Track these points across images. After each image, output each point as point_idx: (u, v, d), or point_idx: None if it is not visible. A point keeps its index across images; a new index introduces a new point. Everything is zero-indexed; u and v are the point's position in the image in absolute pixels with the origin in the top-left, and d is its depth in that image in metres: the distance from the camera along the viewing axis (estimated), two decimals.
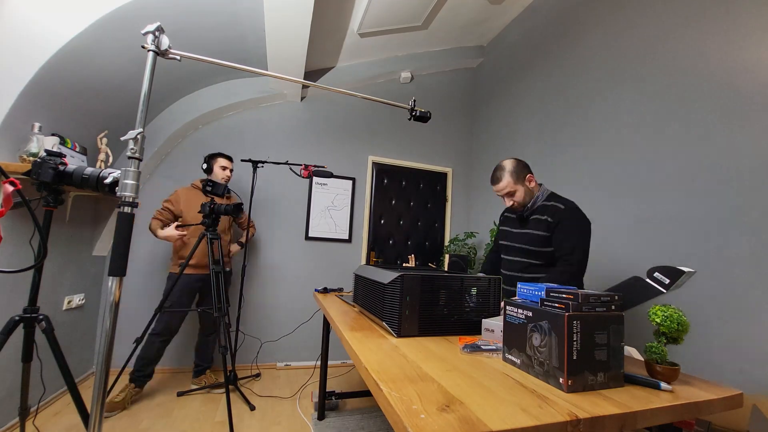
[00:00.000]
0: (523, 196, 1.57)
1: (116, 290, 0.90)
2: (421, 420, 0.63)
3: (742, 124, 1.51)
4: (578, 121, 2.37)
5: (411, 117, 1.53)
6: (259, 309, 2.98)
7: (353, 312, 1.61)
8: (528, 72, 2.96)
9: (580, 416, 0.68)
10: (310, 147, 3.22)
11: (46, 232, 1.10)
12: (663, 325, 0.92)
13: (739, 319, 1.46)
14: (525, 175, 1.57)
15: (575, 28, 2.49)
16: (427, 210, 3.58)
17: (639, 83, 1.98)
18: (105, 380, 0.89)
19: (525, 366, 0.92)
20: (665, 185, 1.79)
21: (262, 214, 3.02)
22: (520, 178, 1.57)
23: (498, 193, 1.62)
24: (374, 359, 0.94)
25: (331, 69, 3.29)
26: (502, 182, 1.57)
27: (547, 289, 0.94)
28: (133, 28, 1.66)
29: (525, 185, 1.57)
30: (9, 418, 1.80)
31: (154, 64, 0.96)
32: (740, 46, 1.55)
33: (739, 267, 1.48)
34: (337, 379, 2.75)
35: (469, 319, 1.28)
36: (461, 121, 3.78)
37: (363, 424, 2.03)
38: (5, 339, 1.11)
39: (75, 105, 2.01)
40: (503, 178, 1.57)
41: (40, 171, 1.07)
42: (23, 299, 1.16)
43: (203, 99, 2.88)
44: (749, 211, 1.46)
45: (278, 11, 2.12)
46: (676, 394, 0.84)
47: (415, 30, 3.11)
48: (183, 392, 2.33)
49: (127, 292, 2.61)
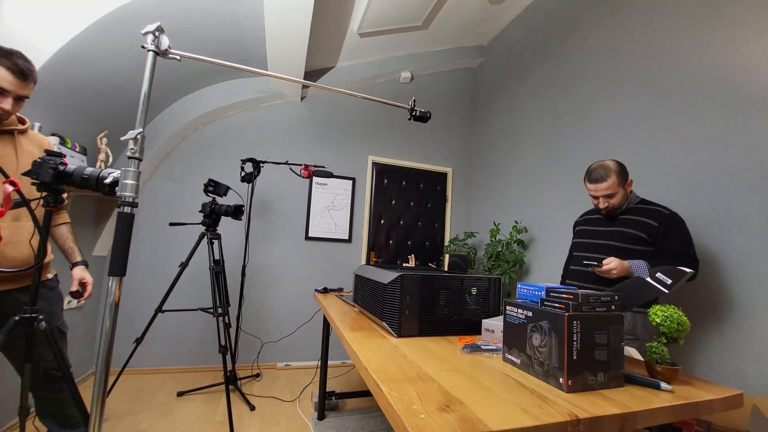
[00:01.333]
0: (620, 199, 1.52)
1: (116, 290, 0.90)
2: (421, 420, 0.63)
3: (743, 123, 1.51)
4: (578, 121, 2.37)
5: (411, 117, 1.53)
6: (259, 309, 2.98)
7: (353, 312, 1.61)
8: (528, 72, 2.96)
9: (580, 416, 0.68)
10: (310, 147, 3.23)
11: (46, 232, 1.10)
12: (663, 325, 0.92)
13: (739, 319, 1.46)
14: (627, 179, 1.53)
15: (575, 27, 2.49)
16: (427, 210, 3.58)
17: (639, 82, 1.98)
18: (105, 380, 0.89)
19: (525, 366, 0.92)
20: (665, 185, 1.79)
21: (262, 214, 3.02)
22: (623, 181, 1.51)
23: (594, 193, 1.55)
24: (374, 359, 0.94)
25: (331, 69, 3.29)
26: (606, 182, 1.50)
27: (547, 289, 0.94)
28: (133, 28, 1.66)
29: (625, 189, 1.53)
30: (9, 418, 1.80)
31: (154, 64, 0.95)
32: (742, 45, 1.55)
33: (739, 267, 1.48)
34: (337, 379, 2.75)
35: (469, 319, 1.28)
36: (461, 121, 3.78)
37: (363, 424, 2.03)
38: (5, 339, 1.11)
39: (75, 105, 2.01)
40: (608, 179, 1.50)
41: (40, 171, 1.07)
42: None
43: (203, 99, 2.88)
44: (749, 211, 1.46)
45: (278, 11, 2.12)
46: (676, 394, 0.84)
47: (415, 30, 3.11)
48: (183, 392, 2.33)
49: (127, 292, 2.61)
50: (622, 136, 2.05)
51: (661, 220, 1.46)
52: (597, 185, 1.52)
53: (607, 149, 2.14)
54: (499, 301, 1.33)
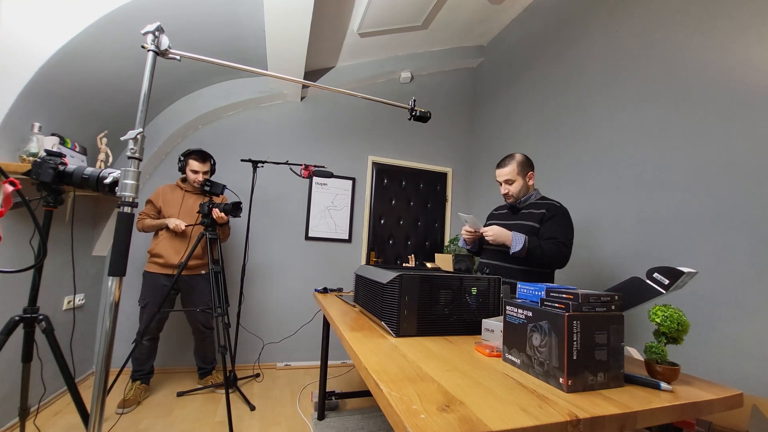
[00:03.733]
0: (519, 188, 1.72)
1: (116, 290, 0.90)
2: (421, 420, 0.63)
3: (743, 123, 1.51)
4: (578, 121, 2.37)
5: (411, 117, 1.53)
6: (259, 309, 2.98)
7: (353, 312, 1.61)
8: (528, 72, 2.95)
9: (580, 416, 0.68)
10: (310, 147, 3.23)
11: (46, 232, 1.10)
12: (663, 325, 0.92)
13: (739, 319, 1.46)
14: (528, 172, 1.72)
15: (575, 27, 2.49)
16: (427, 210, 3.58)
17: (639, 82, 1.98)
18: (105, 380, 0.89)
19: (525, 366, 0.92)
20: (666, 185, 1.79)
21: (262, 214, 3.02)
22: (523, 171, 1.71)
23: (498, 178, 1.76)
24: (374, 359, 0.94)
25: (331, 69, 3.29)
26: (507, 168, 1.72)
27: (547, 289, 0.94)
28: (133, 28, 1.66)
29: (524, 180, 1.72)
30: (9, 418, 1.80)
31: (154, 64, 0.96)
32: (741, 45, 1.55)
33: (739, 267, 1.48)
34: (337, 379, 2.75)
35: (469, 319, 1.28)
36: (461, 121, 3.78)
37: (363, 424, 2.03)
38: (5, 339, 1.11)
39: (75, 105, 2.01)
40: (509, 165, 1.72)
41: (40, 171, 1.07)
42: (23, 299, 1.16)
43: (203, 99, 2.88)
44: (749, 211, 1.46)
45: (278, 11, 2.12)
46: (676, 394, 0.84)
47: (415, 30, 3.11)
48: (183, 392, 2.33)
49: (127, 292, 2.61)
50: (622, 136, 2.05)
51: (550, 210, 1.65)
52: (500, 170, 1.75)
53: (607, 149, 2.14)
54: (499, 301, 1.33)
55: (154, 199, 2.28)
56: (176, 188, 2.34)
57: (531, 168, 1.73)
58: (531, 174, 1.73)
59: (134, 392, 2.14)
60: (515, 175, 1.71)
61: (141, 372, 2.22)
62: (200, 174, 2.28)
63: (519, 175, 1.71)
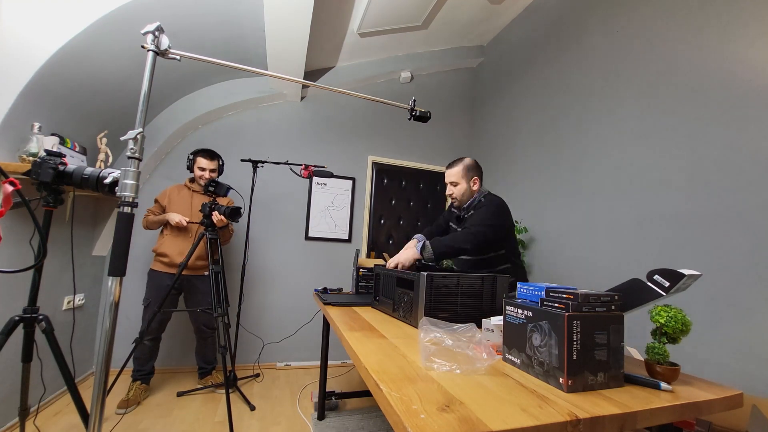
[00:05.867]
0: (462, 192, 1.76)
1: (116, 290, 0.90)
2: (421, 420, 0.63)
3: (743, 123, 1.51)
4: (578, 121, 2.37)
5: (411, 117, 1.53)
6: (259, 309, 2.98)
7: (353, 312, 1.61)
8: (528, 72, 2.96)
9: (580, 416, 0.68)
10: (310, 147, 3.22)
11: (46, 232, 1.10)
12: (667, 325, 0.92)
13: (739, 319, 1.46)
14: (472, 176, 1.76)
15: (575, 27, 2.49)
16: (427, 210, 3.58)
17: (639, 82, 1.98)
18: (105, 380, 0.89)
19: (525, 366, 0.92)
20: (666, 185, 1.79)
21: (262, 215, 3.02)
22: (467, 175, 1.75)
23: (446, 179, 1.81)
24: (374, 359, 0.94)
25: (331, 69, 3.29)
26: (453, 170, 1.77)
27: (547, 289, 0.94)
28: (133, 28, 1.66)
29: (468, 184, 1.75)
30: (9, 418, 1.80)
31: (154, 64, 0.96)
32: (742, 45, 1.55)
33: (739, 267, 1.48)
34: (337, 379, 2.75)
35: (468, 319, 1.28)
36: (461, 121, 3.78)
37: (363, 424, 2.03)
38: (5, 339, 1.11)
39: (74, 105, 2.01)
40: (455, 167, 1.76)
41: (40, 171, 1.07)
42: (23, 299, 1.16)
43: (203, 99, 2.88)
44: (750, 211, 1.46)
45: (278, 11, 2.12)
46: (676, 394, 0.84)
47: (415, 30, 3.11)
48: (183, 392, 2.33)
49: (127, 292, 2.61)
50: (621, 136, 2.05)
51: (479, 204, 1.72)
52: (447, 171, 1.80)
53: (606, 149, 2.14)
54: (500, 301, 1.33)
55: (160, 198, 2.33)
56: (183, 188, 2.38)
57: (477, 173, 1.76)
58: (476, 179, 1.75)
59: (134, 392, 2.15)
60: (460, 178, 1.74)
61: (141, 372, 2.22)
62: (207, 171, 2.32)
63: (463, 179, 1.74)
